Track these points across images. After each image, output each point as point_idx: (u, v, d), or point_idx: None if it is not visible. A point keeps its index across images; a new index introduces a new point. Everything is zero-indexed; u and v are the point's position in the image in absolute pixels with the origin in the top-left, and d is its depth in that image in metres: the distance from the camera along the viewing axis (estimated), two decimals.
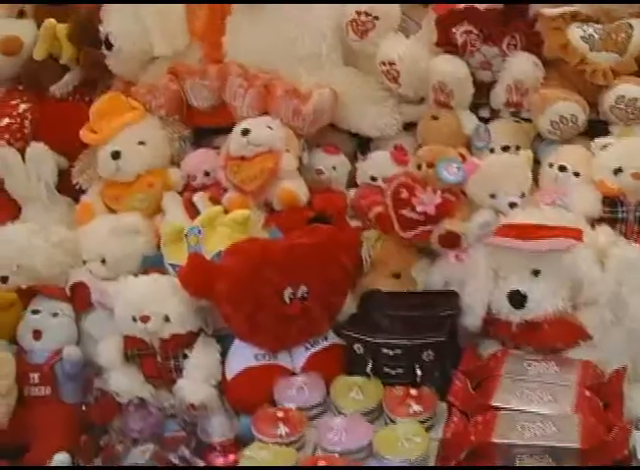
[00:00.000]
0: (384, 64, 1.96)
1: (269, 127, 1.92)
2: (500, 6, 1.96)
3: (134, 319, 1.73)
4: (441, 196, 1.81)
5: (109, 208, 2.07)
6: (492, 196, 1.83)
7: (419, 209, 1.80)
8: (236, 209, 1.87)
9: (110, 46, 2.11)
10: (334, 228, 1.78)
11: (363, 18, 1.95)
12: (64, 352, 1.82)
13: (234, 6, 2.05)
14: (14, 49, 2.21)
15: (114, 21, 2.12)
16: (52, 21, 2.19)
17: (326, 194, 1.95)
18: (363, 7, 1.95)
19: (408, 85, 1.98)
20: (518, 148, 1.97)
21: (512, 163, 1.87)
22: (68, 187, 2.15)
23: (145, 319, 1.72)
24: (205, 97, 2.04)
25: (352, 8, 1.96)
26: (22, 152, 2.13)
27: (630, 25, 1.93)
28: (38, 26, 2.23)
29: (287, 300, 1.71)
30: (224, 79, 2.00)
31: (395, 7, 1.99)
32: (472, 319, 1.72)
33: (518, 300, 1.68)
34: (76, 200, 2.14)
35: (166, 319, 1.73)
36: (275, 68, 2.00)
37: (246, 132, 1.91)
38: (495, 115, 2.02)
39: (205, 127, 2.12)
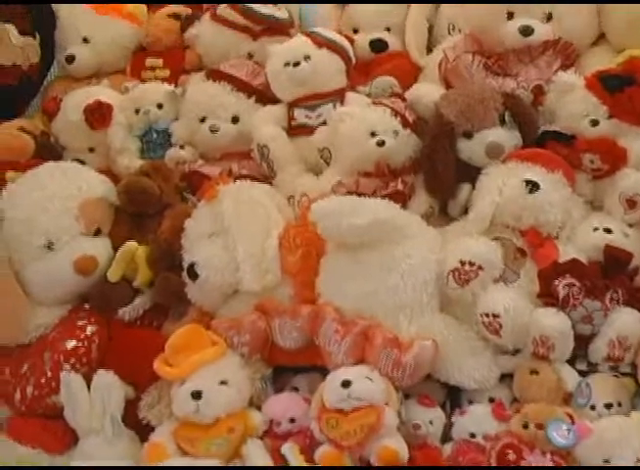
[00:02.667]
0: (486, 315, 1.89)
1: (369, 379, 1.82)
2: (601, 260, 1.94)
3: None
4: (552, 459, 1.72)
5: (180, 447, 1.92)
6: (606, 462, 1.74)
7: None
8: (330, 464, 1.76)
9: (195, 276, 2.02)
10: None
11: (467, 267, 1.90)
12: None
13: (330, 247, 1.98)
14: (89, 269, 2.12)
15: (202, 251, 2.04)
16: (133, 244, 2.12)
17: (424, 451, 1.83)
18: (467, 256, 1.90)
19: (509, 337, 1.90)
20: (619, 405, 1.88)
21: (626, 426, 1.78)
22: (130, 419, 2.01)
23: None
24: (293, 337, 1.94)
25: (456, 257, 1.92)
26: (86, 378, 2.00)
27: None
28: (113, 246, 2.16)
29: None
30: (317, 322, 1.91)
31: (498, 256, 1.94)
32: None
33: None
34: (139, 434, 2.00)
35: None
36: (372, 313, 1.91)
37: (347, 384, 1.80)
38: (592, 368, 1.94)
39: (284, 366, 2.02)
